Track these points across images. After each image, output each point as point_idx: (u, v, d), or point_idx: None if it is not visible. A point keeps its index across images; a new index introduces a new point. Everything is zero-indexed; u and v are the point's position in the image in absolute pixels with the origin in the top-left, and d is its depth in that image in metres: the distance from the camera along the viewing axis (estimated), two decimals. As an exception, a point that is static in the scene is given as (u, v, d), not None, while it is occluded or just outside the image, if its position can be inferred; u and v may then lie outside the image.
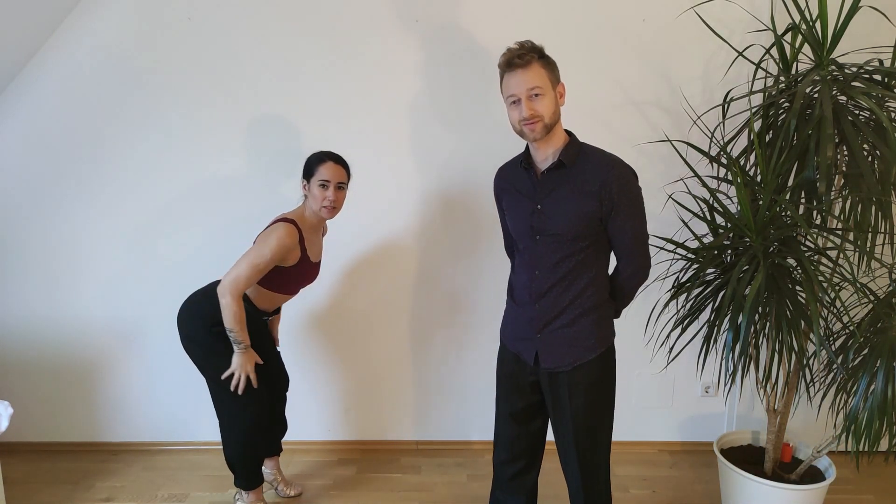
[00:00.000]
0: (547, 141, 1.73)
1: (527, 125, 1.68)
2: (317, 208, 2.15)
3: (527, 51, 1.67)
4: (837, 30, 2.01)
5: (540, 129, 1.68)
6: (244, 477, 2.35)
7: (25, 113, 2.63)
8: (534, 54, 1.67)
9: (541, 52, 1.70)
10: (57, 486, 2.66)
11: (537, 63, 1.67)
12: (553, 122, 1.70)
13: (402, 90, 2.62)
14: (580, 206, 1.71)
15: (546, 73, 1.69)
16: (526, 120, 1.67)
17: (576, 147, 1.76)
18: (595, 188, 1.69)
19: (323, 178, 2.12)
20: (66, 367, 2.87)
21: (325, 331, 2.86)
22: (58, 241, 2.75)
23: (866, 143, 1.96)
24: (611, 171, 1.70)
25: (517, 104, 1.69)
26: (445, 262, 2.79)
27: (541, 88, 1.67)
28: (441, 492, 2.63)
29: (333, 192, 2.13)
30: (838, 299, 2.05)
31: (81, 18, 2.53)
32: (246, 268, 2.07)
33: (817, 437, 2.74)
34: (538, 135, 1.70)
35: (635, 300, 2.76)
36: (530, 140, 1.74)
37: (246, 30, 2.56)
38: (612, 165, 1.72)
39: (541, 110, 1.67)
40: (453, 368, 2.90)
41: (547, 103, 1.68)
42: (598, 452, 1.89)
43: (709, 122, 2.62)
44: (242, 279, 2.07)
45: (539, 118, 1.67)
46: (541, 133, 1.69)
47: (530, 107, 1.66)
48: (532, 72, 1.66)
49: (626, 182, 1.71)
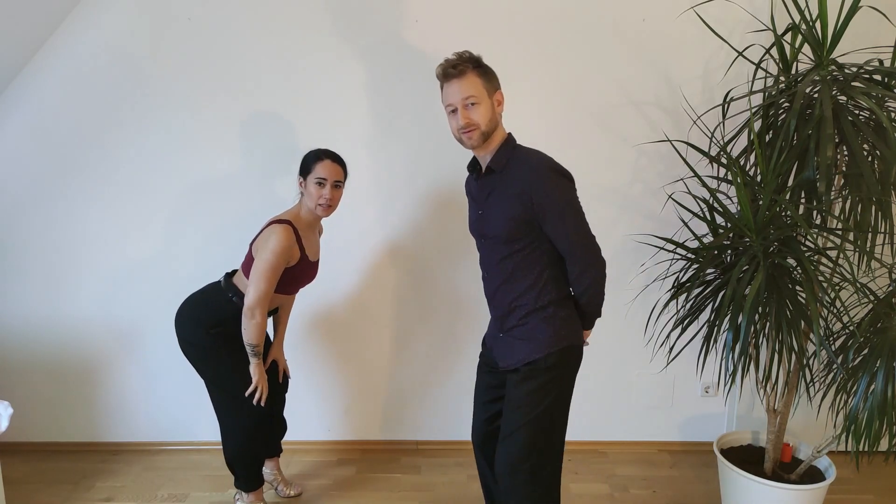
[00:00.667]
0: (486, 147, 1.79)
1: (464, 133, 1.74)
2: (312, 206, 2.14)
3: (462, 61, 1.73)
4: (837, 30, 2.01)
5: (477, 136, 1.74)
6: (244, 478, 2.35)
7: (25, 113, 2.63)
8: (468, 64, 1.73)
9: (477, 61, 1.75)
10: (57, 486, 2.66)
11: (472, 73, 1.72)
12: (490, 129, 1.75)
13: (401, 90, 2.62)
14: (508, 210, 1.75)
15: (482, 82, 1.73)
16: (462, 128, 1.73)
17: (507, 152, 1.78)
18: (518, 192, 1.73)
19: (320, 176, 2.12)
20: (66, 368, 2.87)
21: (325, 331, 2.86)
22: (58, 241, 2.75)
23: (866, 143, 1.96)
24: (531, 175, 1.72)
25: (454, 113, 1.74)
26: (445, 262, 2.79)
27: (476, 97, 1.72)
28: (441, 492, 2.63)
29: (330, 190, 2.13)
30: (838, 299, 2.05)
31: (81, 18, 2.54)
32: (263, 282, 2.08)
33: (817, 437, 2.74)
34: (475, 142, 1.75)
35: (635, 301, 2.79)
36: (468, 147, 1.79)
37: (246, 29, 2.56)
38: (533, 169, 1.72)
39: (476, 119, 1.72)
40: (453, 368, 2.90)
41: (483, 112, 1.73)
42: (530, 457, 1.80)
43: (709, 122, 2.62)
44: (264, 293, 2.08)
45: (475, 126, 1.73)
46: (478, 140, 1.75)
47: (466, 115, 1.72)
48: (467, 81, 1.71)
49: (548, 186, 1.71)
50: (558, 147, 2.65)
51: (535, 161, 1.74)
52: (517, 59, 2.58)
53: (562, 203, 1.72)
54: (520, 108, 2.62)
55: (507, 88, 2.59)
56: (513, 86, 2.61)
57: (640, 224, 2.74)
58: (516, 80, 2.60)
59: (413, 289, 2.82)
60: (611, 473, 2.77)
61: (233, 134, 2.65)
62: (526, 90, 2.61)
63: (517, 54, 2.58)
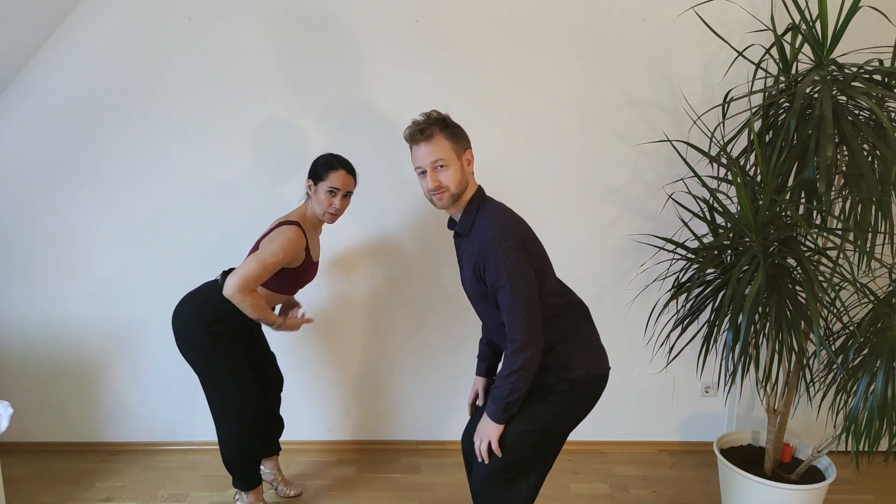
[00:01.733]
0: (457, 207, 1.79)
1: (434, 195, 1.75)
2: (320, 213, 2.15)
3: (429, 123, 1.73)
4: (837, 30, 2.00)
5: (447, 198, 1.75)
6: (242, 477, 2.36)
7: (25, 113, 2.63)
8: (436, 126, 1.73)
9: (444, 122, 1.75)
10: (57, 486, 2.66)
11: (440, 135, 1.72)
12: (460, 190, 1.75)
13: (401, 90, 2.62)
14: (473, 273, 1.75)
15: (450, 144, 1.73)
16: (432, 191, 1.74)
17: (471, 216, 1.78)
18: (475, 261, 1.73)
19: (333, 186, 2.12)
20: (66, 368, 2.87)
21: (325, 331, 2.86)
22: (58, 241, 2.75)
23: (866, 143, 1.96)
24: (481, 248, 1.69)
25: (424, 175, 1.75)
26: (445, 262, 2.79)
27: (444, 160, 1.72)
28: (441, 492, 2.63)
29: (340, 200, 2.14)
30: (838, 299, 2.05)
31: (81, 18, 2.53)
32: (256, 265, 2.05)
33: (817, 437, 2.74)
34: (445, 203, 1.76)
35: (635, 301, 2.79)
36: (438, 208, 1.79)
37: (245, 29, 2.56)
38: (484, 242, 1.68)
39: (446, 181, 1.73)
40: (453, 368, 2.90)
41: (452, 174, 1.73)
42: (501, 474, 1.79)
43: (709, 122, 2.62)
44: (252, 276, 2.05)
45: (445, 189, 1.73)
46: (448, 202, 1.75)
47: (435, 178, 1.73)
48: (434, 144, 1.72)
49: (492, 260, 1.66)
50: (559, 147, 2.66)
51: (488, 230, 1.69)
52: (517, 60, 2.58)
53: (501, 273, 1.65)
54: (520, 109, 2.62)
55: (508, 88, 2.61)
56: (513, 86, 2.61)
57: (640, 224, 2.74)
58: (516, 80, 2.60)
59: (413, 289, 2.82)
60: (611, 473, 2.77)
61: (234, 135, 2.65)
62: (526, 90, 2.61)
63: (517, 54, 2.58)
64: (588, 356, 1.81)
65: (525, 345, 1.66)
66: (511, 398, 1.69)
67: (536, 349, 1.68)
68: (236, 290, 2.03)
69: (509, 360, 1.68)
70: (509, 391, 1.69)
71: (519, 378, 1.68)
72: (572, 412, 1.81)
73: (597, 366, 1.82)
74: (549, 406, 1.77)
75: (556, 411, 1.78)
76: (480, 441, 1.76)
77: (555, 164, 2.68)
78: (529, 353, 1.67)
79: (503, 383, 1.69)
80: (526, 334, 1.66)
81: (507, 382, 1.69)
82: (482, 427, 1.77)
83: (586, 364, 1.79)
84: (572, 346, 1.79)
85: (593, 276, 2.77)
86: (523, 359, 1.66)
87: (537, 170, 2.68)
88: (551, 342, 1.77)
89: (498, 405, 1.71)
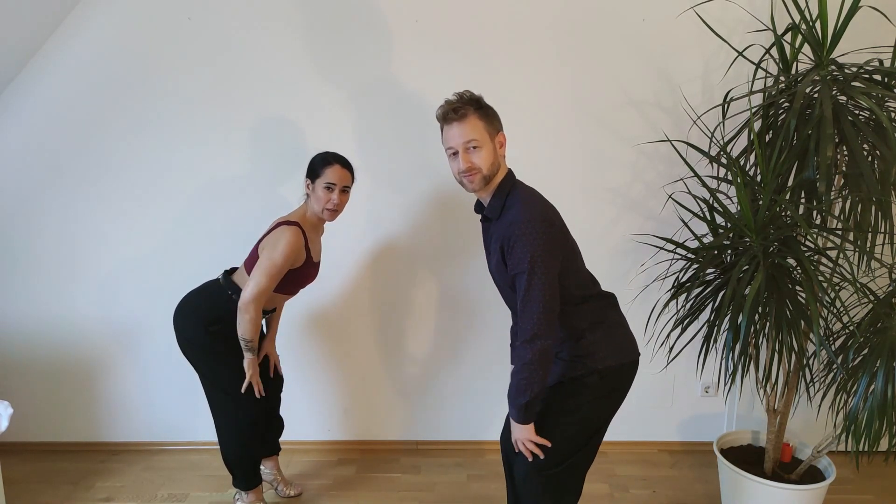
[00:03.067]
0: (488, 190, 1.74)
1: (465, 177, 1.70)
2: (319, 210, 2.15)
3: (463, 103, 1.68)
4: (837, 30, 2.00)
5: (479, 180, 1.70)
6: (242, 477, 2.36)
7: (25, 113, 2.63)
8: (470, 106, 1.68)
9: (478, 102, 1.71)
10: (57, 486, 2.66)
11: (474, 115, 1.68)
12: (492, 172, 1.71)
13: (402, 90, 2.62)
14: (499, 257, 1.71)
15: (483, 125, 1.69)
16: (464, 172, 1.69)
17: (501, 199, 1.73)
18: (500, 245, 1.69)
19: (329, 181, 2.12)
20: (66, 368, 2.87)
21: (325, 331, 2.86)
22: (59, 241, 2.75)
23: (866, 143, 1.96)
24: (509, 230, 1.65)
25: (455, 156, 1.70)
26: (445, 262, 2.79)
27: (478, 141, 1.68)
28: (441, 492, 2.63)
29: (338, 195, 2.14)
30: (838, 299, 2.05)
31: (81, 19, 2.53)
32: (264, 279, 2.08)
33: (817, 437, 2.74)
34: (477, 186, 1.71)
35: (635, 301, 2.79)
36: (469, 190, 1.75)
37: (245, 30, 2.56)
38: (511, 223, 1.64)
39: (478, 163, 1.68)
40: (453, 368, 2.90)
41: (485, 155, 1.68)
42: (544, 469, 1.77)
43: (709, 122, 2.62)
44: (264, 290, 2.08)
45: (477, 170, 1.69)
46: (479, 184, 1.71)
47: (467, 159, 1.68)
48: (468, 124, 1.67)
49: (517, 239, 1.62)
50: (558, 147, 2.66)
51: (518, 215, 1.65)
52: (517, 60, 2.58)
53: (524, 265, 1.61)
54: (519, 109, 2.62)
55: (508, 88, 2.61)
56: (513, 86, 2.61)
57: (640, 224, 2.74)
58: (516, 80, 2.60)
59: (413, 288, 2.82)
60: (611, 473, 2.77)
61: (235, 135, 2.65)
62: (526, 90, 2.61)
63: (517, 54, 2.57)
64: (616, 344, 1.78)
65: (536, 335, 1.59)
66: (526, 398, 1.63)
67: (548, 340, 1.60)
68: (249, 302, 2.07)
69: (519, 351, 1.62)
70: (523, 389, 1.62)
71: (531, 372, 1.60)
72: (607, 402, 1.79)
73: (626, 353, 1.79)
74: (583, 399, 1.75)
75: (590, 403, 1.76)
76: (522, 445, 1.72)
77: (555, 163, 2.68)
78: (540, 344, 1.59)
79: (515, 380, 1.64)
80: (538, 323, 1.59)
81: (519, 378, 1.62)
82: (514, 433, 1.72)
83: (615, 352, 1.76)
84: (600, 334, 1.76)
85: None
86: (533, 349, 1.59)
87: (537, 169, 2.67)
88: (580, 330, 1.74)
89: (516, 408, 1.66)
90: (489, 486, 2.66)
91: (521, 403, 1.64)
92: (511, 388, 1.66)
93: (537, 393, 1.64)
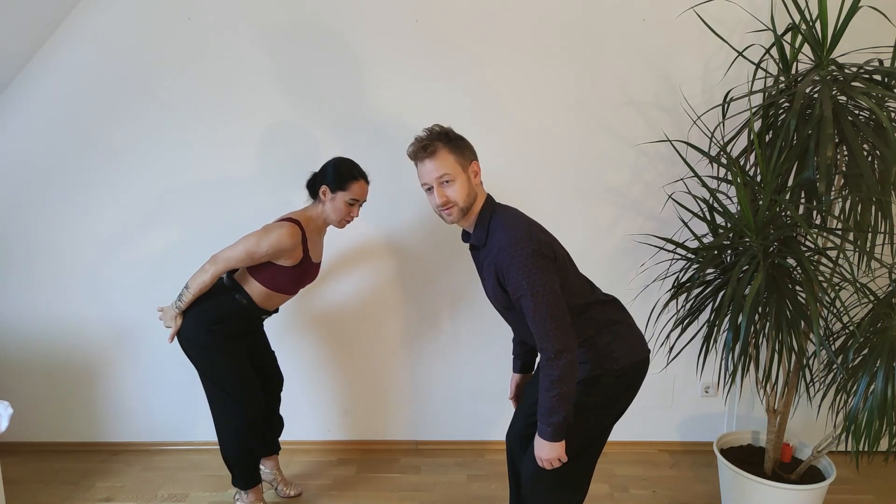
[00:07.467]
0: (469, 220, 1.76)
1: (443, 211, 1.72)
2: (336, 220, 2.17)
3: (432, 139, 1.70)
4: (837, 30, 2.00)
5: (456, 212, 1.72)
6: (241, 476, 2.36)
7: (25, 113, 2.63)
8: (439, 141, 1.70)
9: (447, 136, 1.72)
10: (57, 486, 2.66)
11: (444, 149, 1.69)
12: (468, 203, 1.72)
13: (402, 91, 2.62)
14: (496, 282, 1.72)
15: (454, 158, 1.70)
16: (441, 206, 1.71)
17: (485, 226, 1.74)
18: (494, 271, 1.71)
19: (354, 198, 2.15)
20: (66, 368, 2.87)
21: (325, 331, 2.86)
22: (59, 241, 2.75)
23: (866, 143, 1.96)
24: (499, 257, 1.67)
25: (431, 191, 1.72)
26: (444, 262, 2.79)
27: (450, 175, 1.69)
28: (441, 492, 2.63)
29: (357, 209, 2.18)
30: (838, 299, 2.05)
31: (81, 19, 2.54)
32: (242, 252, 2.10)
33: (817, 437, 2.74)
34: (455, 218, 1.73)
35: (635, 301, 2.79)
36: (449, 223, 1.77)
37: (245, 30, 2.56)
38: (502, 251, 1.66)
39: (453, 196, 1.70)
40: (452, 369, 2.90)
41: (458, 188, 1.70)
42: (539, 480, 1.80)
43: (709, 122, 2.62)
44: (234, 261, 2.11)
45: (453, 203, 1.71)
46: (458, 216, 1.73)
47: (442, 194, 1.70)
48: (439, 160, 1.69)
49: (509, 264, 1.63)
50: (558, 147, 2.66)
51: (504, 239, 1.66)
52: (517, 60, 2.58)
53: (521, 281, 1.62)
54: (519, 109, 2.62)
55: (507, 88, 2.61)
56: (513, 86, 2.61)
57: (640, 224, 2.74)
58: (516, 80, 2.60)
59: (413, 288, 2.82)
60: (611, 473, 2.77)
61: (236, 135, 2.65)
62: (526, 90, 2.61)
63: (517, 54, 2.58)
64: (627, 343, 1.79)
65: (559, 352, 1.60)
66: (560, 416, 1.63)
67: (571, 353, 1.62)
68: (215, 262, 2.12)
69: (546, 370, 1.62)
70: (556, 407, 1.62)
71: (562, 388, 1.61)
72: (620, 400, 1.81)
73: (637, 351, 1.80)
74: (598, 399, 1.76)
75: (605, 402, 1.78)
76: (548, 463, 1.71)
77: (555, 164, 2.68)
78: (566, 359, 1.61)
79: (546, 399, 1.63)
80: (556, 340, 1.61)
81: (550, 397, 1.62)
82: (541, 452, 1.69)
83: (628, 352, 1.77)
84: (610, 336, 1.77)
85: (593, 276, 2.77)
86: (560, 366, 1.60)
87: (537, 169, 2.68)
88: (588, 336, 1.75)
89: (550, 426, 1.64)
90: (489, 487, 2.67)
91: (555, 422, 1.64)
92: (542, 406, 1.65)
93: (570, 409, 1.65)
